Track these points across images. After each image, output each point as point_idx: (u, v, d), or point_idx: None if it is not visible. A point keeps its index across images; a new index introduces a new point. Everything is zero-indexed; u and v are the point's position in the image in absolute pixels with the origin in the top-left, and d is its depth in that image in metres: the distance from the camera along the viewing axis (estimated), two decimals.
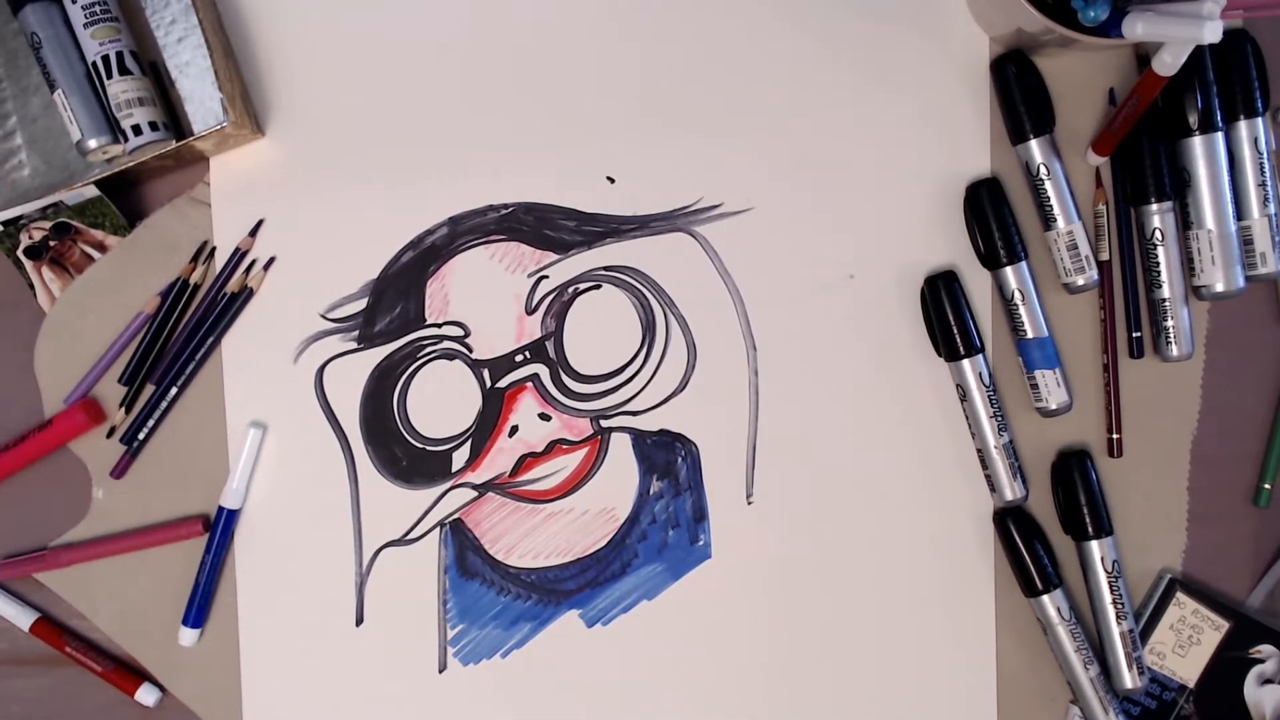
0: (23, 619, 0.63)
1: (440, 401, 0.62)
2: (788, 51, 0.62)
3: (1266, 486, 0.62)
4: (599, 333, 0.62)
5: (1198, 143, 0.58)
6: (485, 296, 0.62)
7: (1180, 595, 0.62)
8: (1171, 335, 0.60)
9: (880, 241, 0.62)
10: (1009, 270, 0.60)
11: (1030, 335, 0.60)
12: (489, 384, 0.62)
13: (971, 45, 0.62)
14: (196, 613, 0.62)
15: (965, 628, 0.62)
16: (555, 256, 0.62)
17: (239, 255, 0.62)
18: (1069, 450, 0.62)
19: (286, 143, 0.63)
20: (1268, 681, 0.61)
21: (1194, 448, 0.62)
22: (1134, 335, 0.61)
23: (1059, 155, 0.59)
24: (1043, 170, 0.59)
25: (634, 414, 0.62)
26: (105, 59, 0.58)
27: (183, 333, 0.63)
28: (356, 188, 0.62)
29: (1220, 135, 0.58)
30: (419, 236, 0.62)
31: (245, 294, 0.62)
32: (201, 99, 0.61)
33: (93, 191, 0.59)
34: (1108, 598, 0.60)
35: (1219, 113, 0.58)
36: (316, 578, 0.63)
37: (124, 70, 0.59)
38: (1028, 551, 0.60)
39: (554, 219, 0.62)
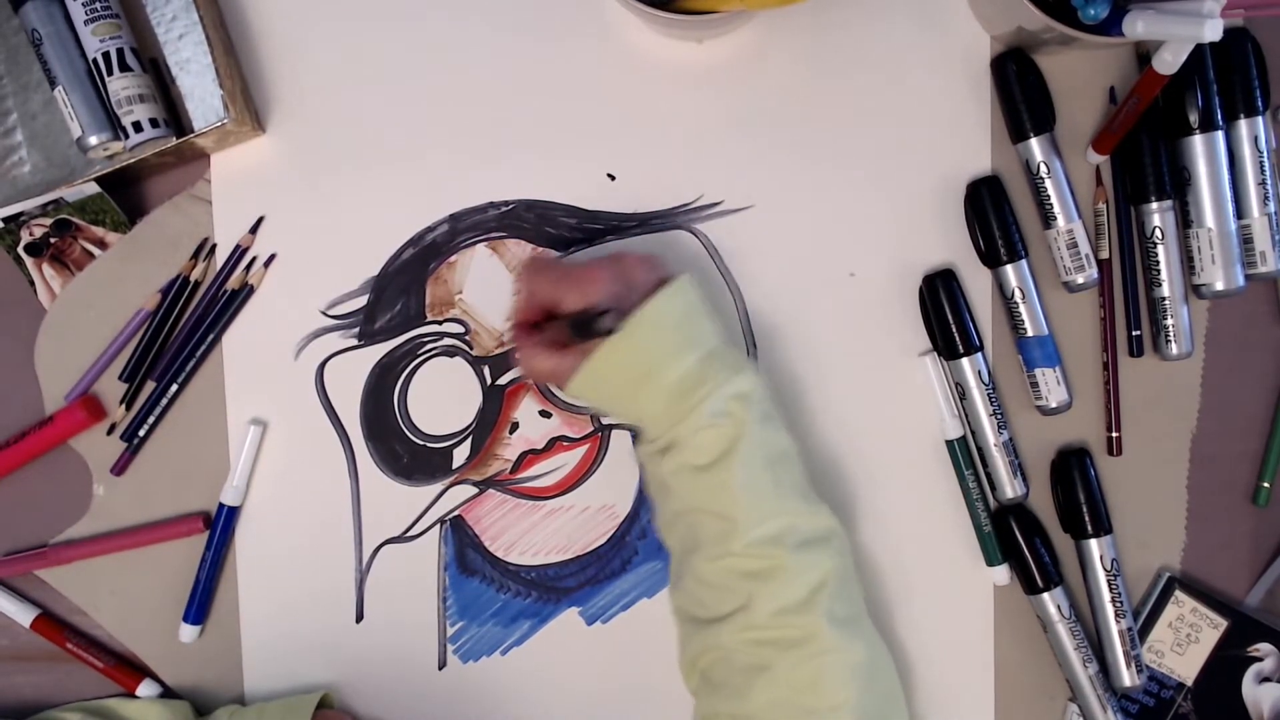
0: (24, 615, 0.63)
1: (441, 398, 0.62)
2: (787, 49, 0.62)
3: (1265, 485, 0.62)
4: None
5: (1198, 141, 0.58)
6: (486, 294, 0.62)
7: (1179, 593, 0.62)
8: (1171, 334, 0.60)
9: (880, 239, 0.62)
10: (1009, 268, 0.60)
11: (1030, 333, 0.60)
12: (489, 381, 0.63)
13: (972, 43, 0.62)
14: (197, 609, 0.62)
15: (964, 624, 0.62)
16: (556, 254, 0.62)
17: (239, 252, 0.62)
18: (1069, 448, 0.62)
19: (287, 140, 0.63)
20: (1266, 679, 0.61)
21: (1193, 446, 0.62)
22: (1134, 334, 0.61)
23: (1059, 154, 0.59)
24: (1043, 168, 0.59)
25: None
26: (106, 55, 0.58)
27: (183, 330, 0.63)
28: (357, 184, 0.62)
29: (1220, 134, 0.58)
30: (420, 233, 0.62)
31: (246, 291, 0.62)
32: (202, 96, 0.61)
33: (93, 188, 0.59)
34: (1107, 596, 0.60)
35: (1219, 111, 0.58)
36: (317, 574, 0.63)
37: (124, 67, 0.59)
38: (1028, 549, 0.60)
39: (555, 216, 0.62)
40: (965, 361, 0.60)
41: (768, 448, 0.52)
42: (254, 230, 0.63)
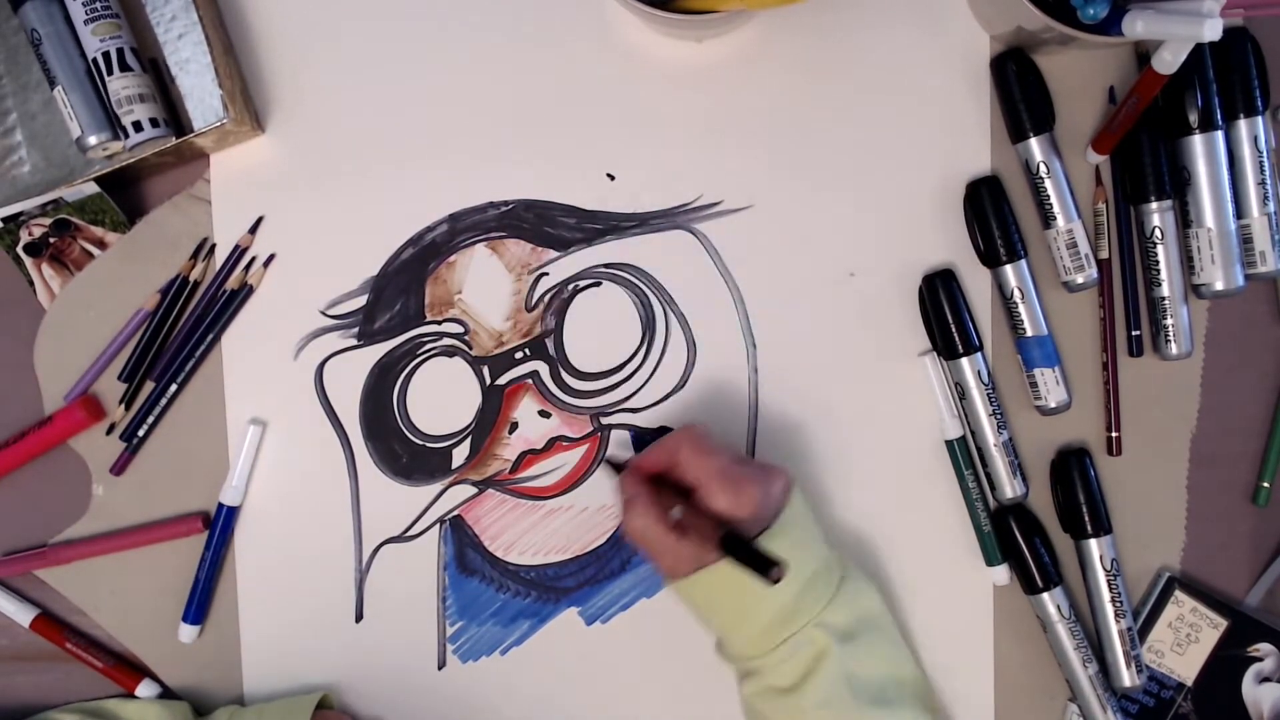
0: (23, 615, 0.63)
1: (440, 398, 0.62)
2: (787, 49, 0.62)
3: (1265, 485, 0.62)
4: (599, 330, 0.62)
5: (1197, 141, 0.58)
6: (485, 293, 0.62)
7: (1179, 593, 0.62)
8: (1171, 334, 0.60)
9: (880, 239, 0.62)
10: (1009, 268, 0.60)
11: (1030, 333, 0.60)
12: (489, 381, 0.63)
13: (971, 43, 0.61)
14: (196, 609, 0.62)
15: (964, 624, 0.62)
16: (555, 254, 0.62)
17: (239, 252, 0.62)
18: (1068, 448, 0.62)
19: (287, 140, 0.63)
20: (1266, 679, 0.61)
21: (1193, 446, 0.62)
22: (1133, 334, 0.61)
23: (1059, 153, 0.59)
24: (1042, 168, 0.59)
25: (634, 411, 0.62)
26: (105, 55, 0.58)
27: (182, 330, 0.63)
28: (356, 184, 0.62)
29: (1220, 134, 0.58)
30: (419, 233, 0.62)
31: (245, 291, 0.62)
32: (201, 96, 0.61)
33: (93, 188, 0.59)
34: (1106, 596, 0.60)
35: (1219, 111, 0.58)
36: (316, 574, 0.63)
37: (124, 67, 0.59)
38: (1027, 549, 0.60)
39: (554, 216, 0.62)
40: (965, 361, 0.60)
41: (847, 663, 0.53)
42: (253, 230, 0.62)
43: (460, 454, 0.63)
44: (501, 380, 0.62)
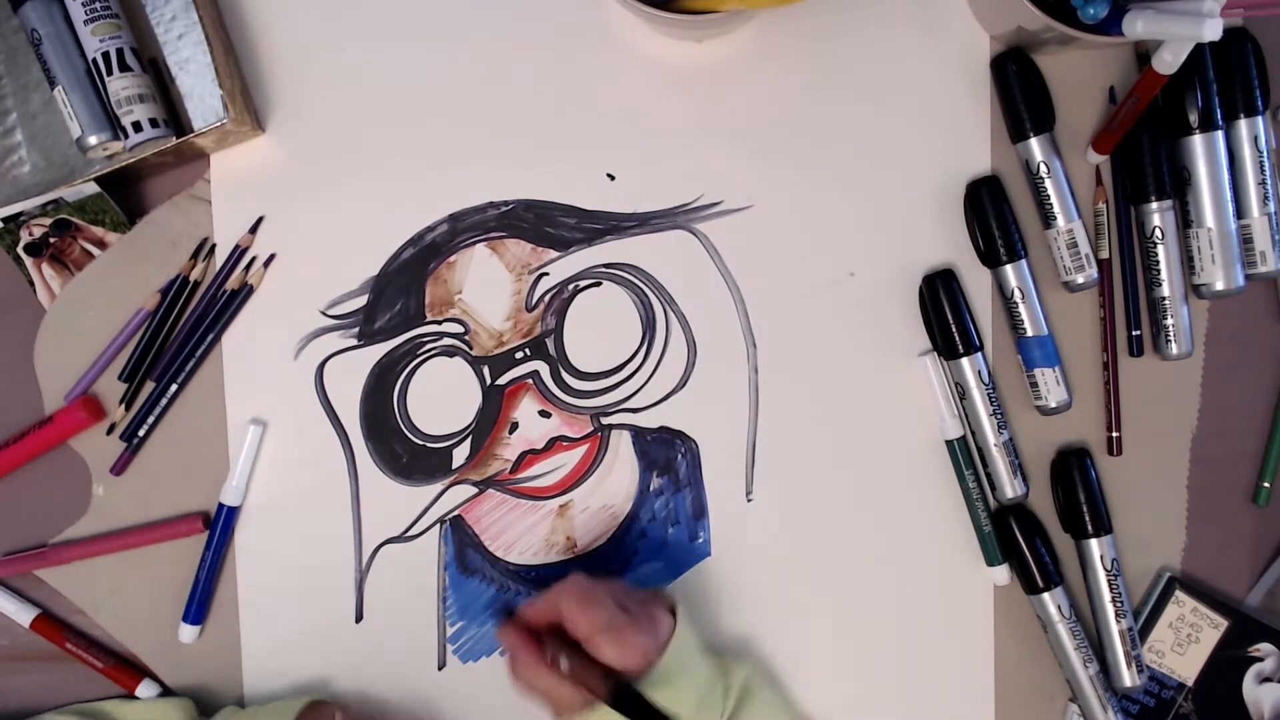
0: (23, 615, 0.63)
1: (440, 398, 0.62)
2: (787, 49, 0.62)
3: (1266, 485, 0.62)
4: (599, 330, 0.62)
5: (1198, 141, 0.58)
6: (485, 294, 0.62)
7: (1179, 593, 0.62)
8: (1171, 333, 0.60)
9: (880, 239, 0.62)
10: (1009, 268, 0.60)
11: (1030, 333, 0.60)
12: (489, 381, 0.63)
13: (972, 43, 0.62)
14: (197, 609, 0.62)
15: (964, 624, 0.62)
16: (555, 254, 0.62)
17: (239, 252, 0.62)
18: (1069, 448, 0.62)
19: (287, 140, 0.63)
20: (1266, 680, 0.61)
21: (1193, 446, 0.62)
22: (1134, 333, 0.61)
23: (1059, 153, 0.59)
24: (1043, 168, 0.59)
25: (634, 411, 0.62)
26: (105, 55, 0.58)
27: (183, 330, 0.63)
28: (357, 184, 0.62)
29: (1220, 134, 0.58)
30: (419, 233, 0.62)
31: (245, 291, 0.62)
32: (202, 96, 0.61)
33: (93, 188, 0.59)
34: (1107, 596, 0.60)
35: (1219, 111, 0.58)
36: (316, 574, 0.63)
37: (124, 67, 0.59)
38: (1028, 549, 0.60)
39: (554, 216, 0.62)
40: (965, 361, 0.60)
41: None
42: (253, 230, 0.62)
43: (460, 454, 0.63)
44: (502, 380, 0.62)
